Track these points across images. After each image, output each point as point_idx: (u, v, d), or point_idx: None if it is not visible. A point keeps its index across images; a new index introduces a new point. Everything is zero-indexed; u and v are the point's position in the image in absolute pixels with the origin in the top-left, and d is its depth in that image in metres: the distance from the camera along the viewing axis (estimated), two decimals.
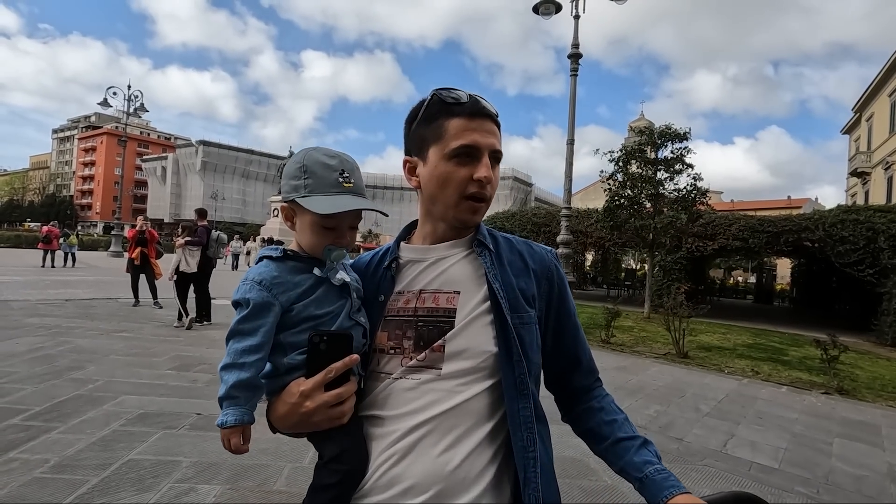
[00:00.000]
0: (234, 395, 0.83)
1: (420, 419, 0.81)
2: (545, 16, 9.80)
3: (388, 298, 0.92)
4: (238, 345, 0.83)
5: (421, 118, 0.91)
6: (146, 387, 4.41)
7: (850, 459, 3.91)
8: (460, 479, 0.78)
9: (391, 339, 0.89)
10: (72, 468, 2.81)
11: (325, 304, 0.88)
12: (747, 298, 30.19)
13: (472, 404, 0.83)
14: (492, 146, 0.88)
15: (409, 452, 0.80)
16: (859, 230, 12.38)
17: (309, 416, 0.82)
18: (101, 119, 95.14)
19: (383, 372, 0.88)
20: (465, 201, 0.88)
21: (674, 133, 12.52)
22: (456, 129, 0.86)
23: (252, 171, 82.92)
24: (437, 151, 0.88)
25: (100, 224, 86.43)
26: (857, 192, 30.03)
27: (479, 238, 0.95)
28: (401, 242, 1.01)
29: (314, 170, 0.87)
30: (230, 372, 0.83)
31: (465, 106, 0.87)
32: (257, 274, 0.86)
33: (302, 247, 0.92)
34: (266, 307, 0.84)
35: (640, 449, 0.88)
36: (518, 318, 0.88)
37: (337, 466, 0.82)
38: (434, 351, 0.85)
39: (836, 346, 6.53)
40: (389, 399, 0.85)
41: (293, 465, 3.07)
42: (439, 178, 0.88)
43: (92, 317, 7.71)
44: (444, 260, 0.93)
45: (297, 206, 0.89)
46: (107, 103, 22.00)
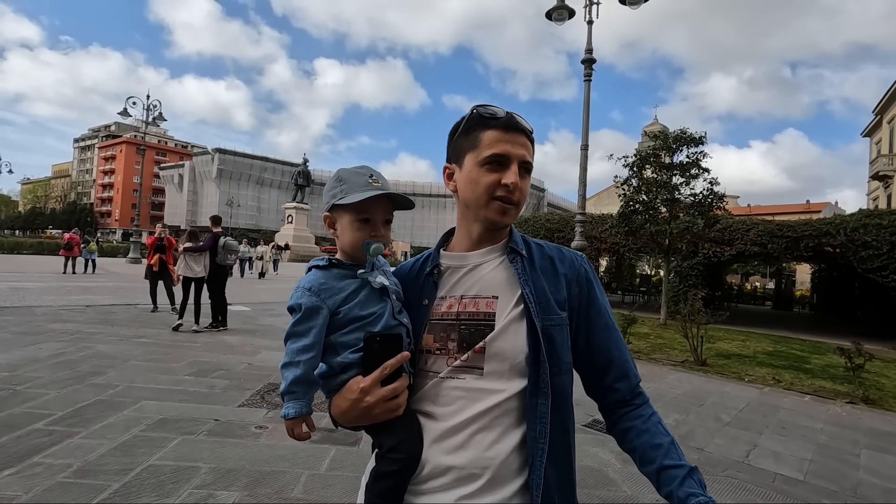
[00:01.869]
0: (293, 391, 0.94)
1: (468, 415, 0.91)
2: (558, 21, 9.78)
3: (432, 303, 1.01)
4: (294, 345, 0.94)
5: (461, 130, 1.00)
6: (165, 392, 4.46)
7: (879, 472, 3.79)
8: (506, 470, 0.90)
9: (437, 341, 0.98)
10: (94, 473, 2.85)
11: (367, 305, 0.98)
12: (766, 304, 29.62)
13: (511, 402, 0.93)
14: (522, 157, 0.97)
15: (461, 444, 0.90)
16: (883, 235, 12.08)
17: (369, 410, 0.91)
18: (121, 128, 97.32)
19: (431, 371, 0.98)
20: (494, 202, 0.96)
21: (689, 137, 12.38)
22: (490, 140, 0.96)
23: (267, 178, 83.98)
24: (472, 158, 0.98)
25: (118, 231, 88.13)
26: (879, 195, 29.36)
27: (512, 245, 1.02)
28: (440, 250, 1.09)
29: (347, 178, 1.01)
30: (288, 369, 0.94)
31: (500, 120, 0.96)
32: (308, 282, 0.98)
33: (344, 248, 1.03)
34: (315, 310, 0.95)
35: (686, 480, 0.89)
36: (549, 319, 0.96)
37: (396, 455, 0.91)
38: (476, 352, 0.94)
39: (860, 354, 6.36)
40: (439, 396, 0.95)
41: (310, 472, 3.08)
42: (472, 182, 0.98)
43: (112, 322, 7.85)
44: (482, 266, 1.02)
45: (336, 210, 1.02)
46: (126, 113, 22.48)
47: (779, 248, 14.17)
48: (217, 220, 8.59)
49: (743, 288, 35.00)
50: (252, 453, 3.30)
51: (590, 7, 9.53)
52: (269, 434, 3.65)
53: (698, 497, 0.85)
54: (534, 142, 1.01)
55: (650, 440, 0.96)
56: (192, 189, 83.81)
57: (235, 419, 3.92)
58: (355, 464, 3.25)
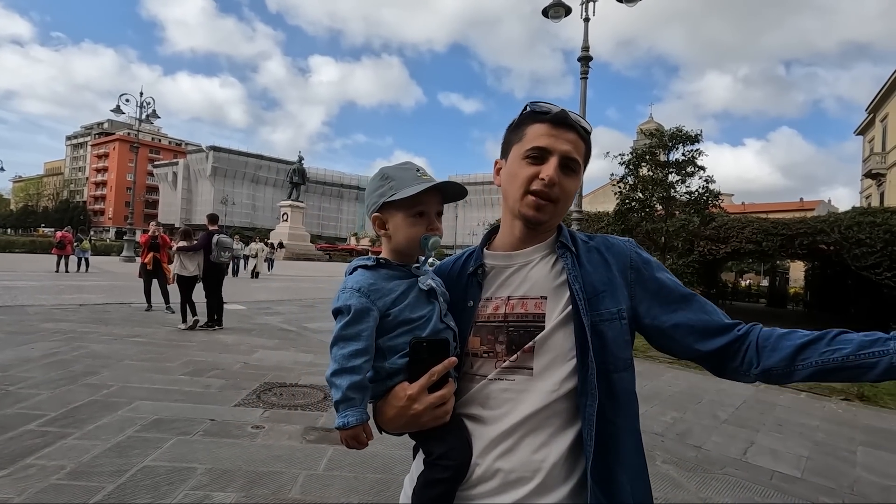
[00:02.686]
0: (351, 397, 0.88)
1: (518, 418, 0.88)
2: (555, 19, 9.76)
3: (478, 304, 0.98)
4: (344, 350, 0.89)
5: (513, 125, 0.99)
6: (160, 392, 4.42)
7: (875, 469, 3.80)
8: (558, 473, 0.86)
9: (484, 344, 0.95)
10: (87, 475, 2.81)
11: (417, 308, 0.94)
12: (760, 302, 29.80)
13: (560, 404, 0.89)
14: (565, 152, 0.92)
15: (511, 449, 0.87)
16: (876, 233, 12.16)
17: (417, 417, 0.88)
18: (114, 126, 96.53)
19: (478, 374, 0.94)
20: (529, 196, 0.93)
21: (685, 135, 12.40)
22: (534, 133, 0.93)
23: (262, 176, 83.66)
24: (516, 151, 0.96)
25: (112, 229, 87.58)
26: (872, 193, 29.57)
27: (562, 240, 0.99)
28: (484, 248, 1.05)
29: (394, 175, 0.97)
30: (341, 377, 0.88)
31: (549, 115, 0.93)
32: (355, 282, 0.93)
33: (400, 248, 0.99)
34: (366, 312, 0.90)
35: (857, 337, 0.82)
36: (598, 315, 0.92)
37: (447, 462, 0.88)
38: (525, 352, 0.91)
39: None
40: (488, 399, 0.92)
41: (308, 473, 3.05)
42: (511, 175, 0.96)
43: (106, 322, 7.78)
44: (528, 266, 0.98)
45: (386, 209, 0.97)
46: (119, 110, 22.28)
47: (774, 245, 14.24)
48: (214, 219, 8.55)
49: (737, 286, 35.20)
50: (248, 454, 3.27)
51: (586, 4, 9.51)
52: (266, 434, 3.62)
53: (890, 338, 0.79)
54: (589, 142, 0.98)
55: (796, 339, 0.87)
56: (187, 187, 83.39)
57: (232, 419, 3.88)
58: (353, 464, 3.22)
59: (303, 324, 9.01)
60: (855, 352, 0.81)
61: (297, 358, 6.18)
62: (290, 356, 6.27)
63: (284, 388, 4.83)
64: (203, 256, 7.97)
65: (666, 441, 4.02)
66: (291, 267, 30.16)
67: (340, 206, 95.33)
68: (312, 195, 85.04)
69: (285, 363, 5.85)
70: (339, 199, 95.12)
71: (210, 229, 8.18)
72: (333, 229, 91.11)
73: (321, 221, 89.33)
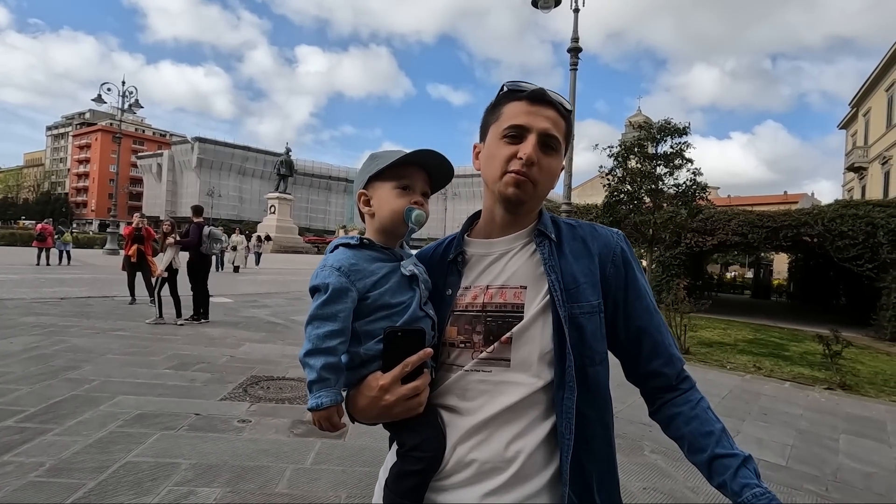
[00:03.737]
0: (326, 377, 0.85)
1: (494, 410, 0.87)
2: (544, 9, 9.68)
3: (456, 293, 0.95)
4: (319, 330, 0.85)
5: (490, 106, 0.96)
6: (144, 386, 4.33)
7: (857, 456, 3.87)
8: (531, 466, 0.85)
9: (461, 334, 0.93)
10: (68, 471, 2.74)
11: (397, 293, 0.91)
12: (745, 293, 30.26)
13: (537, 396, 0.88)
14: (544, 129, 0.89)
15: (486, 440, 0.86)
16: (858, 225, 12.36)
17: (389, 408, 0.86)
18: (96, 116, 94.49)
19: (455, 364, 0.92)
20: (508, 175, 0.89)
21: (673, 128, 12.46)
22: (511, 112, 0.90)
23: (248, 168, 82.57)
24: (494, 131, 0.93)
25: (95, 222, 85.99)
26: (854, 187, 30.08)
27: (540, 228, 0.96)
28: (464, 235, 1.02)
29: (381, 154, 0.97)
30: (315, 357, 0.85)
31: (526, 93, 0.90)
32: (336, 261, 0.90)
33: (383, 220, 0.95)
34: (344, 292, 0.87)
35: (740, 469, 0.84)
36: (578, 307, 0.90)
37: (419, 454, 0.87)
38: (503, 343, 0.89)
39: (838, 341, 6.51)
40: (464, 391, 0.90)
41: (295, 467, 3.01)
42: (489, 156, 0.93)
43: (88, 315, 7.62)
44: (508, 254, 0.96)
45: (372, 184, 0.96)
46: (101, 100, 21.75)
47: (759, 237, 14.42)
48: (199, 211, 8.45)
49: (723, 277, 35.68)
50: (235, 448, 3.22)
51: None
52: (253, 428, 3.57)
53: (754, 489, 0.81)
54: (569, 120, 0.94)
55: (700, 427, 0.90)
56: (172, 179, 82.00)
57: (217, 413, 3.82)
58: (341, 457, 3.19)
59: (290, 316, 8.92)
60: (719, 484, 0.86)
61: (284, 351, 6.11)
62: (278, 349, 6.20)
63: (271, 381, 4.78)
64: (192, 248, 7.85)
65: (654, 431, 4.04)
66: (279, 260, 29.88)
67: (329, 199, 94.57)
68: (300, 187, 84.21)
69: (272, 356, 5.78)
70: (327, 191, 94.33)
71: (196, 221, 8.06)
72: (322, 222, 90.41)
73: (309, 214, 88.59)
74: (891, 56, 23.69)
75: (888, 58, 23.99)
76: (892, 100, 24.03)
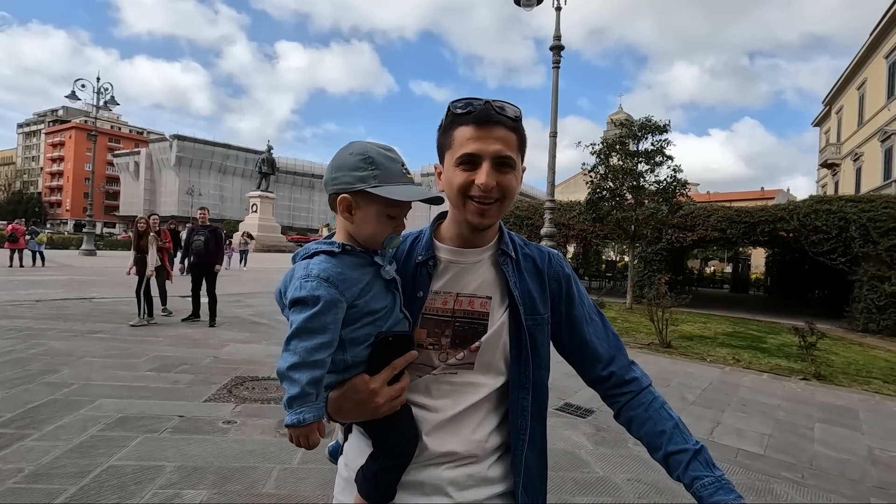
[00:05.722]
0: (308, 392, 0.83)
1: (460, 408, 0.97)
2: (526, 7, 9.73)
3: (427, 296, 1.00)
4: (307, 343, 0.82)
5: (441, 128, 0.98)
6: (125, 389, 4.26)
7: (831, 444, 4.00)
8: (487, 449, 0.98)
9: (430, 336, 0.99)
10: (48, 477, 2.69)
11: (380, 298, 0.92)
12: (724, 288, 30.88)
13: (495, 394, 1.01)
14: (495, 153, 0.90)
15: (452, 432, 0.97)
16: (831, 220, 12.70)
17: (377, 409, 0.90)
18: (69, 113, 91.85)
19: (422, 364, 0.98)
20: (470, 202, 0.93)
21: (654, 125, 12.64)
22: (461, 138, 0.92)
23: (229, 166, 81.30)
24: (449, 159, 0.95)
25: (70, 222, 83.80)
26: (828, 182, 30.91)
27: (503, 248, 1.03)
28: (433, 239, 1.05)
29: (380, 161, 0.90)
30: (301, 371, 0.82)
31: (471, 115, 0.91)
32: (322, 270, 0.86)
33: (359, 239, 0.94)
34: (335, 304, 0.85)
35: (691, 463, 0.92)
36: (532, 320, 1.00)
37: (401, 449, 0.94)
38: (471, 351, 0.98)
39: (813, 333, 6.70)
40: (432, 389, 0.99)
41: (282, 467, 3.00)
42: (450, 183, 0.95)
43: (65, 318, 7.44)
44: (477, 265, 1.02)
45: (361, 196, 0.90)
46: (75, 96, 21.15)
47: (737, 233, 14.72)
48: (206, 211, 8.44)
49: (703, 272, 36.36)
50: (220, 449, 3.19)
51: None
52: (238, 429, 3.54)
53: (703, 479, 0.88)
54: (519, 128, 0.94)
55: (653, 427, 0.98)
56: (150, 177, 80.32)
57: (202, 415, 3.78)
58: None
59: (275, 316, 8.84)
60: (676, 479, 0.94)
61: (269, 351, 6.06)
62: (262, 349, 6.14)
63: (257, 381, 4.74)
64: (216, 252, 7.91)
65: None
66: (262, 259, 29.50)
67: (311, 197, 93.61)
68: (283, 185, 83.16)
69: (257, 356, 5.73)
70: (310, 189, 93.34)
71: (211, 225, 8.10)
72: (305, 220, 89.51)
73: (292, 212, 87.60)
74: (862, 55, 24.37)
75: (859, 57, 24.67)
76: (864, 98, 24.73)
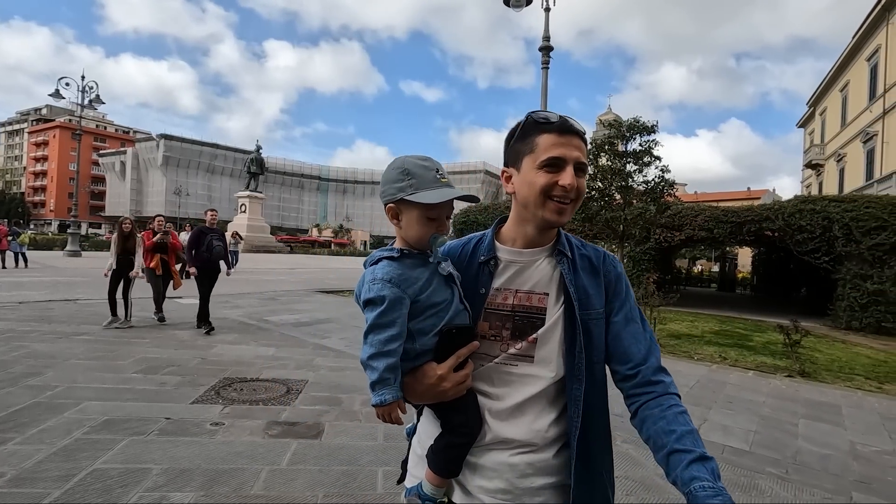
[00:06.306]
0: (387, 377, 0.98)
1: (520, 398, 1.07)
2: (516, 8, 9.76)
3: (488, 292, 1.10)
4: (380, 336, 0.98)
5: (518, 136, 1.07)
6: (111, 391, 4.20)
7: (815, 439, 4.07)
8: (546, 439, 1.06)
9: (491, 329, 1.10)
10: (31, 481, 2.65)
11: (440, 292, 1.05)
12: (711, 287, 31.23)
13: (554, 387, 1.08)
14: (576, 158, 1.03)
15: (512, 420, 1.06)
16: (816, 219, 12.91)
17: (445, 392, 1.03)
18: (53, 112, 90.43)
19: (484, 354, 1.09)
20: (550, 202, 1.03)
21: (642, 126, 12.75)
22: (546, 144, 1.03)
23: (217, 166, 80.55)
24: (530, 162, 1.04)
25: (54, 222, 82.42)
26: (812, 183, 31.41)
27: (560, 248, 1.12)
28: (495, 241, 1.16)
29: (415, 171, 1.04)
30: (378, 360, 0.98)
31: (554, 124, 1.03)
32: (385, 273, 1.01)
33: (409, 241, 1.08)
34: (399, 301, 1.00)
35: (693, 464, 0.87)
36: (587, 314, 1.08)
37: (466, 430, 1.05)
38: (529, 343, 1.08)
39: (797, 331, 6.81)
40: (494, 378, 1.09)
41: (271, 468, 2.98)
42: (530, 184, 1.04)
43: (49, 320, 7.32)
44: (535, 264, 1.11)
45: (403, 204, 1.05)
46: (59, 94, 20.80)
47: (724, 232, 14.90)
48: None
49: (690, 271, 36.75)
50: (208, 451, 3.16)
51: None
52: (227, 430, 3.51)
53: (702, 481, 0.82)
54: (587, 142, 1.08)
55: (665, 427, 0.97)
56: (136, 177, 79.32)
57: (189, 417, 3.74)
58: (318, 457, 3.17)
59: (264, 317, 8.78)
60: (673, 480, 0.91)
61: (258, 352, 6.02)
62: (251, 350, 6.10)
63: (245, 383, 4.70)
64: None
65: (625, 422, 4.14)
66: (251, 259, 29.26)
67: (301, 197, 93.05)
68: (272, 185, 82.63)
69: (246, 357, 5.68)
70: (299, 189, 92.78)
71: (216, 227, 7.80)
72: (295, 220, 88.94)
73: (281, 213, 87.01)
74: (845, 58, 24.81)
75: (842, 60, 25.11)
76: (846, 100, 25.18)
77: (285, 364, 5.50)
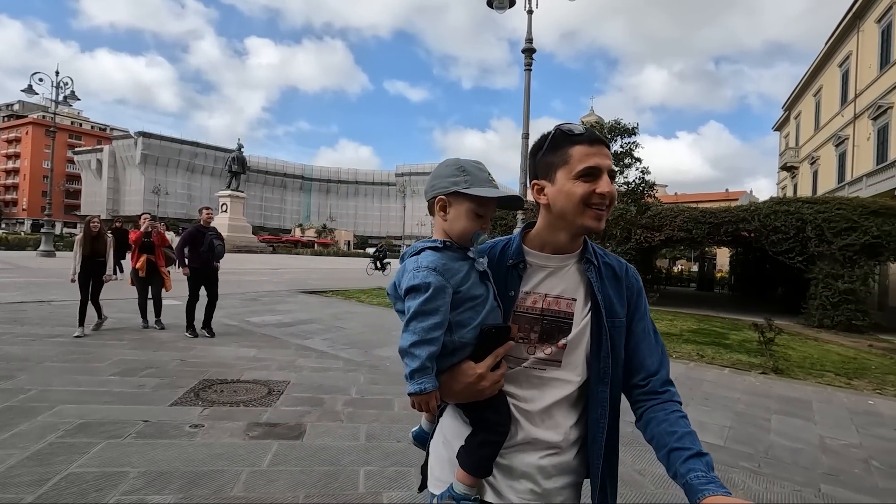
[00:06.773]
0: (427, 366, 1.00)
1: (548, 402, 1.11)
2: (499, 10, 9.83)
3: (517, 295, 1.14)
4: (423, 323, 0.99)
5: (547, 148, 1.11)
6: (87, 394, 4.12)
7: (787, 434, 4.20)
8: (569, 441, 1.12)
9: (521, 331, 1.13)
10: (3, 486, 2.59)
11: (477, 287, 1.07)
12: (690, 286, 31.84)
13: (577, 391, 1.13)
14: (609, 166, 1.08)
15: (540, 422, 1.11)
16: (790, 220, 13.27)
17: (482, 391, 1.05)
18: (26, 108, 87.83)
19: (512, 356, 1.12)
20: (589, 210, 1.07)
21: (623, 128, 12.96)
22: (580, 154, 1.06)
23: (198, 165, 79.26)
24: (565, 173, 1.07)
25: (27, 221, 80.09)
26: (787, 185, 32.22)
27: (587, 256, 1.16)
28: (523, 245, 1.19)
29: (470, 170, 1.08)
30: (421, 347, 0.99)
31: (584, 136, 1.07)
32: (430, 262, 1.03)
33: (452, 235, 1.10)
34: (443, 290, 1.01)
35: (690, 459, 0.96)
36: (611, 321, 1.12)
37: (501, 428, 1.07)
38: (559, 348, 1.11)
39: (771, 329, 6.99)
40: (522, 381, 1.13)
41: (251, 470, 2.96)
42: (569, 194, 1.07)
43: (22, 321, 7.13)
44: (564, 270, 1.15)
45: (455, 197, 1.08)
46: (32, 90, 20.22)
47: (702, 233, 15.22)
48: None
49: (670, 271, 37.40)
50: (187, 454, 3.13)
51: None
52: (206, 432, 3.47)
53: (699, 473, 0.92)
54: (611, 149, 1.13)
55: (667, 428, 1.04)
56: (113, 176, 77.64)
57: (167, 419, 3.69)
58: (299, 457, 3.16)
59: (245, 318, 8.68)
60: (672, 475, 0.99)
61: (238, 353, 5.96)
62: (231, 351, 6.03)
63: (225, 384, 4.65)
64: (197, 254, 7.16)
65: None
66: (233, 260, 28.85)
67: (284, 196, 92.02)
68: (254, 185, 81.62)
69: (226, 359, 5.62)
70: (282, 188, 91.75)
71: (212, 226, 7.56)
72: (277, 220, 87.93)
73: (264, 212, 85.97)
74: (818, 63, 25.51)
75: (816, 65, 25.82)
76: (820, 104, 25.89)
77: (267, 365, 5.46)
